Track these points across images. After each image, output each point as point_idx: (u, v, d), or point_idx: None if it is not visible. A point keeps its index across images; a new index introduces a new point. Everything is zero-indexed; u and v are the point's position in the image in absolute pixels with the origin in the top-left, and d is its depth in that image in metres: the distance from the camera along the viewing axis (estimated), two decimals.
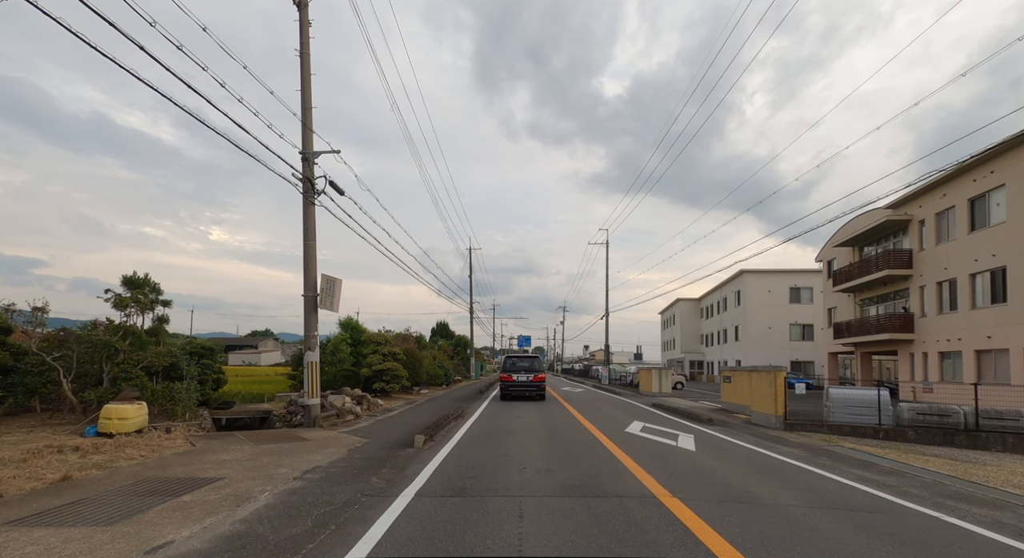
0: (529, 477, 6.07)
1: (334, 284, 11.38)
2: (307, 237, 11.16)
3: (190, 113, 7.42)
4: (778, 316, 41.33)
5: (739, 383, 15.68)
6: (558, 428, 10.88)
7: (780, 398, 12.16)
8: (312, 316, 11.14)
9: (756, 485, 6.06)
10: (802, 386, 12.49)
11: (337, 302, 11.47)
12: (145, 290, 13.76)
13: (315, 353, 11.05)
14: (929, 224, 21.73)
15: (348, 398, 13.55)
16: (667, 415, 14.50)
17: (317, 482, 5.76)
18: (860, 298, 27.50)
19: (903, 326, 22.92)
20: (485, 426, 11.00)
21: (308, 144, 11.20)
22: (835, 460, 8.13)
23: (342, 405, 12.46)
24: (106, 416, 9.48)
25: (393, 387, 19.06)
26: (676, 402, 19.29)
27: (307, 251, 11.18)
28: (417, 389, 22.85)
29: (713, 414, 14.55)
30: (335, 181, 11.36)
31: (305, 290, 11.14)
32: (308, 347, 11.05)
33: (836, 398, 11.90)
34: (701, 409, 16.48)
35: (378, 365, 18.77)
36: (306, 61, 11.15)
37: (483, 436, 9.46)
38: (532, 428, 10.75)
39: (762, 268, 42.09)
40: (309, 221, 11.17)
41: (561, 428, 10.90)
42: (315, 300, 11.11)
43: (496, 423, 11.61)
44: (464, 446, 8.26)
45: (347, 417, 12.05)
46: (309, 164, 11.10)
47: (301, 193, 11.09)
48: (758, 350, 41.07)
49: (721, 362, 49.75)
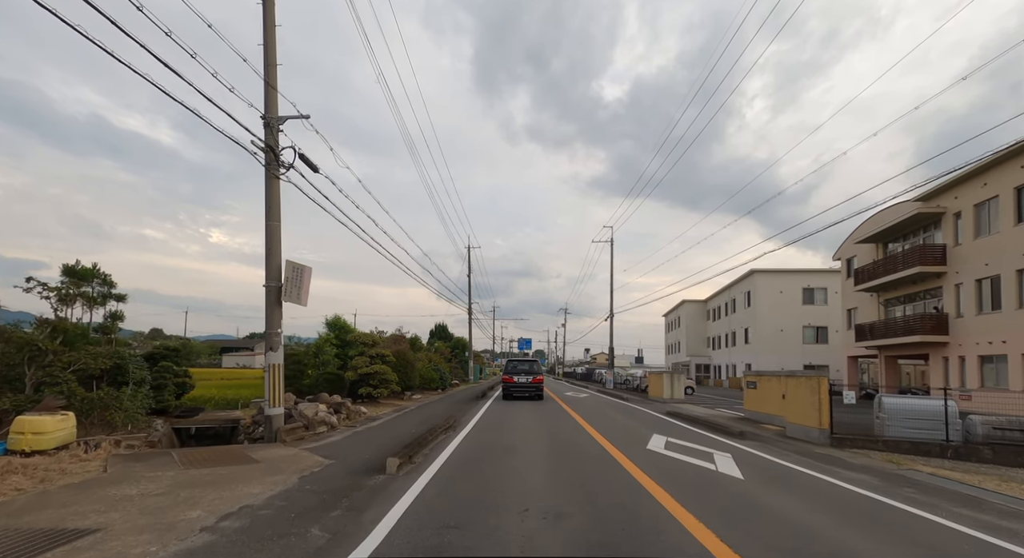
0: (533, 527, 4.33)
1: (301, 273, 9.67)
2: (270, 216, 9.45)
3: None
4: (790, 318, 39.51)
5: (767, 389, 13.93)
6: (566, 444, 9.14)
7: (824, 408, 10.41)
8: (275, 310, 9.41)
9: (853, 538, 4.32)
10: (851, 394, 10.62)
11: (305, 294, 9.74)
12: (92, 282, 12.07)
13: (278, 354, 9.33)
14: (967, 216, 19.98)
15: (323, 406, 11.81)
16: (688, 426, 12.74)
17: (232, 536, 4.02)
18: (884, 298, 25.74)
19: (936, 328, 21.15)
20: (479, 441, 9.26)
21: (272, 107, 9.50)
22: (924, 492, 6.37)
23: (314, 415, 10.72)
24: (17, 430, 7.76)
25: (381, 392, 17.32)
26: (692, 410, 17.54)
27: (270, 234, 9.46)
28: (409, 394, 21.10)
29: (739, 425, 12.79)
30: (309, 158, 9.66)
31: (267, 279, 9.42)
32: (270, 346, 9.32)
33: (892, 408, 10.15)
34: (722, 418, 14.72)
35: (364, 368, 17.03)
36: (269, 9, 9.47)
37: (475, 456, 7.72)
38: (535, 443, 9.01)
39: (774, 268, 40.33)
40: (272, 198, 9.47)
41: (570, 444, 9.16)
42: (278, 291, 9.39)
43: (492, 437, 9.86)
44: (449, 472, 6.52)
45: (319, 429, 10.31)
46: (273, 131, 9.40)
47: (263, 165, 9.39)
48: (769, 353, 39.25)
49: (729, 366, 47.92)
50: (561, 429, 11.36)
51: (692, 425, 13.00)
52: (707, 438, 10.51)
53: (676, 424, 13.15)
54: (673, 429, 11.94)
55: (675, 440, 9.90)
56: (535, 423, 12.42)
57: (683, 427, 12.49)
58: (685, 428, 12.27)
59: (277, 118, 9.51)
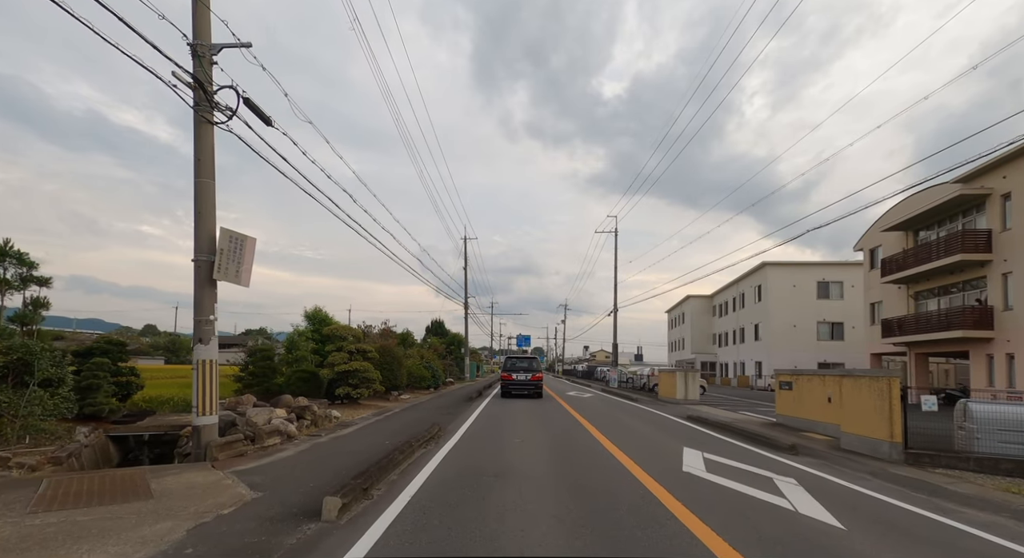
0: None
1: (242, 245, 7.61)
2: (200, 172, 7.39)
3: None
4: (804, 313, 37.49)
5: (807, 391, 11.93)
6: (579, 465, 7.12)
7: (896, 417, 8.39)
8: (205, 291, 7.36)
9: None
10: (931, 399, 8.58)
11: (247, 272, 7.69)
12: (4, 263, 10.01)
13: (210, 347, 7.27)
14: (1018, 198, 17.92)
15: (281, 411, 9.78)
16: (720, 435, 10.73)
17: None
18: (915, 290, 23.72)
19: (979, 322, 19.13)
20: (465, 461, 7.23)
21: (203, 31, 7.42)
22: None
23: (265, 423, 8.69)
24: None
25: (362, 393, 15.28)
26: (714, 413, 15.53)
27: (200, 194, 7.40)
28: (396, 394, 19.07)
29: (781, 434, 10.80)
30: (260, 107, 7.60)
31: (196, 252, 7.37)
32: (199, 337, 7.27)
33: (983, 417, 8.14)
34: (755, 425, 12.72)
35: (342, 365, 14.99)
36: None
37: (455, 487, 5.68)
38: (537, 463, 6.99)
39: (787, 261, 38.29)
40: (203, 149, 7.40)
41: (583, 464, 7.13)
42: (210, 267, 7.34)
43: (483, 454, 7.83)
44: (412, 519, 4.49)
45: (269, 441, 8.27)
46: (203, 62, 7.31)
47: (191, 106, 7.33)
48: (781, 350, 37.26)
49: (737, 364, 45.96)
50: (569, 441, 9.34)
51: (724, 433, 10.98)
52: (752, 454, 8.49)
53: (705, 433, 11.13)
54: (705, 440, 9.92)
55: (714, 457, 7.88)
56: (537, 432, 10.40)
57: (715, 437, 10.47)
58: (718, 438, 10.25)
59: (209, 46, 7.43)
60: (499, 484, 5.79)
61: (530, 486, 5.72)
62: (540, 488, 5.64)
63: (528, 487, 5.67)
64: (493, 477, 6.14)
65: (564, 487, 5.73)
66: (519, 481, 5.94)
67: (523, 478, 6.10)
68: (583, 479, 6.18)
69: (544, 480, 6.04)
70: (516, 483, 5.84)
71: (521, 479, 6.05)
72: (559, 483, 5.92)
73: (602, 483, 5.99)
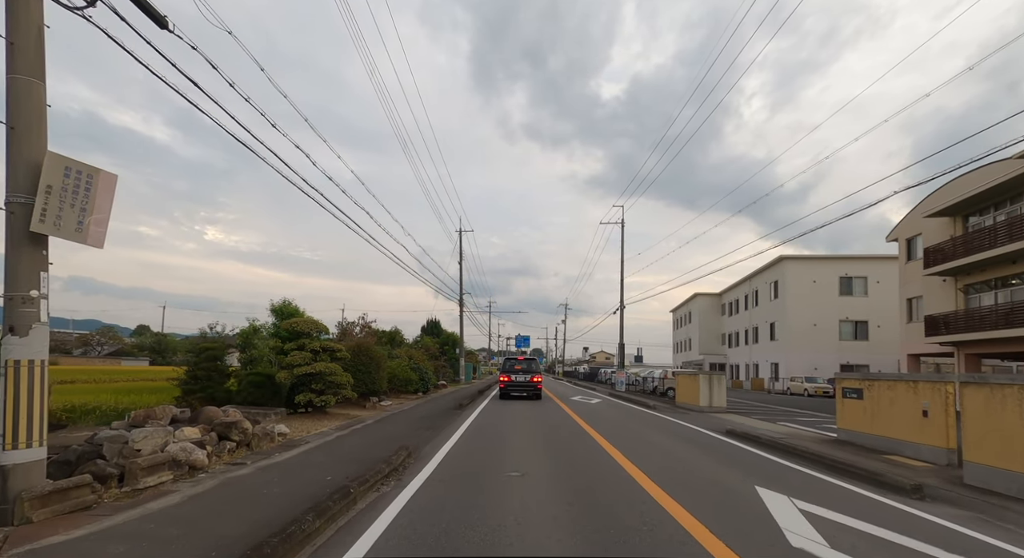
0: None
1: (89, 182, 4.93)
2: (16, 65, 4.71)
3: None
4: (825, 311, 34.87)
5: (888, 401, 9.31)
6: (614, 527, 4.42)
7: None
8: (23, 250, 4.68)
9: None
10: None
11: (98, 224, 5.00)
12: None
13: (31, 342, 4.60)
14: None
15: (192, 431, 7.06)
16: (787, 462, 8.07)
17: None
18: (965, 283, 21.09)
19: None
20: (431, 520, 4.51)
21: None
22: None
23: (155, 451, 6.01)
24: None
25: (328, 400, 12.60)
26: (757, 427, 12.88)
27: (17, 97, 4.73)
28: (375, 400, 16.38)
29: (862, 458, 8.15)
30: None
31: (9, 191, 4.70)
32: (10, 325, 4.59)
33: None
34: (817, 444, 10.08)
35: (303, 367, 12.30)
36: None
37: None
38: (546, 528, 4.31)
39: (806, 254, 35.71)
40: (23, 26, 4.74)
41: (619, 527, 4.43)
42: (29, 212, 4.67)
43: (461, 504, 5.13)
44: None
45: (147, 480, 5.57)
46: None
47: None
48: (799, 351, 34.68)
49: (750, 365, 43.32)
50: (589, 473, 6.65)
51: (791, 460, 8.31)
52: (865, 500, 5.82)
53: (765, 457, 8.46)
54: (775, 472, 7.25)
55: (816, 508, 5.20)
56: (540, 455, 7.72)
57: (784, 466, 7.79)
58: (792, 469, 7.57)
59: None
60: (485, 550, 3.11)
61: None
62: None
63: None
64: (481, 538, 3.46)
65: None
66: (515, 546, 3.27)
67: (522, 543, 3.43)
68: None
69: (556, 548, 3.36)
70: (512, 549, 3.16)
71: (519, 543, 3.37)
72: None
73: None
